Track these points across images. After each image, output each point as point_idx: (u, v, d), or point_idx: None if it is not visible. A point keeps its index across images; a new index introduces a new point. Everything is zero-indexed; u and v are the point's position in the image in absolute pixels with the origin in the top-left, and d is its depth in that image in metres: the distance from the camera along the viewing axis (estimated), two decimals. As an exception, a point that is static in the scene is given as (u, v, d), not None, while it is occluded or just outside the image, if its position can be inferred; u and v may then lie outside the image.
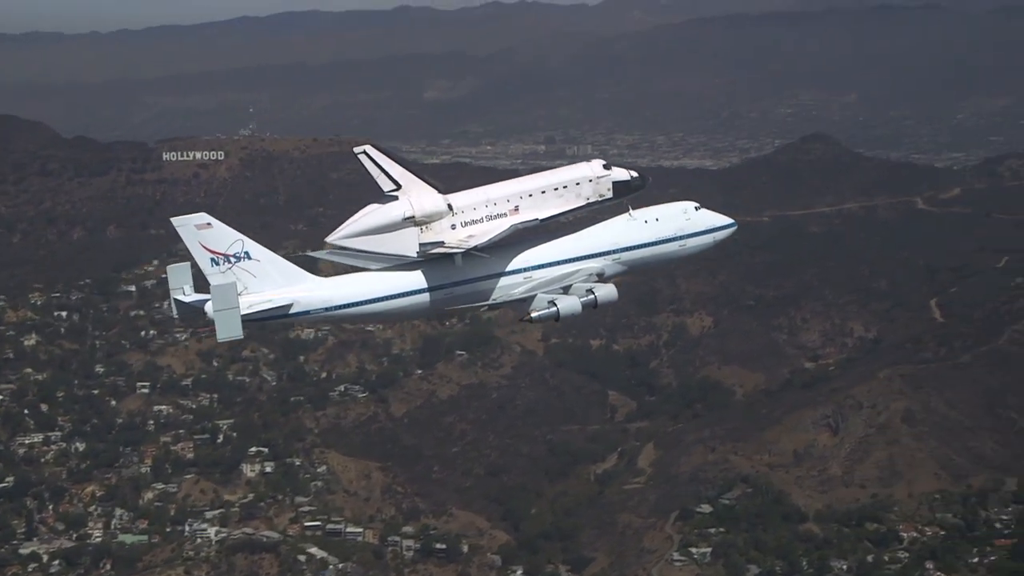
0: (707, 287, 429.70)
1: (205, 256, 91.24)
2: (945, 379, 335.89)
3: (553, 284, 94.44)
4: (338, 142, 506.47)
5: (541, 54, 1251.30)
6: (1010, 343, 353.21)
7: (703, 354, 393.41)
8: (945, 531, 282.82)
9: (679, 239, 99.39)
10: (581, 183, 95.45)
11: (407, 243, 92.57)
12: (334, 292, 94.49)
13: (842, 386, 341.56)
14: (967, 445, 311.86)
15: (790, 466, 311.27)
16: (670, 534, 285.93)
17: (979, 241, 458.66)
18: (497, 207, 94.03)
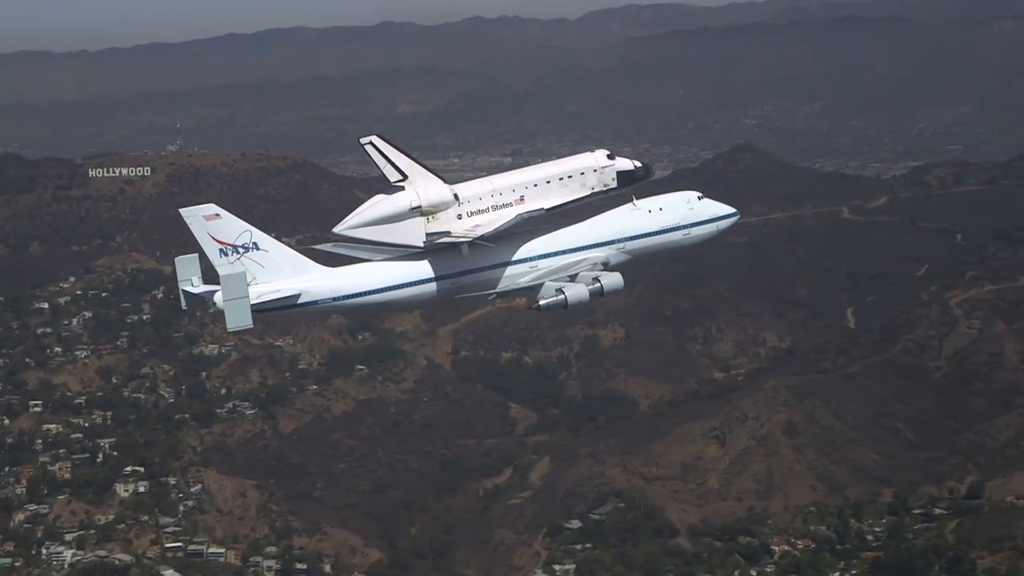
0: (624, 299, 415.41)
1: (214, 247, 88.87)
2: (833, 390, 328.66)
3: (559, 273, 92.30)
4: (266, 157, 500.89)
5: (515, 67, 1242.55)
6: (903, 353, 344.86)
7: (611, 366, 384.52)
8: (816, 544, 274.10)
9: (683, 228, 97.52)
10: (586, 173, 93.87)
11: (414, 233, 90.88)
12: (342, 282, 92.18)
13: (733, 397, 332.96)
14: (848, 456, 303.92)
15: (675, 479, 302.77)
16: (538, 550, 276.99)
17: (902, 250, 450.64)
18: (503, 197, 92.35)
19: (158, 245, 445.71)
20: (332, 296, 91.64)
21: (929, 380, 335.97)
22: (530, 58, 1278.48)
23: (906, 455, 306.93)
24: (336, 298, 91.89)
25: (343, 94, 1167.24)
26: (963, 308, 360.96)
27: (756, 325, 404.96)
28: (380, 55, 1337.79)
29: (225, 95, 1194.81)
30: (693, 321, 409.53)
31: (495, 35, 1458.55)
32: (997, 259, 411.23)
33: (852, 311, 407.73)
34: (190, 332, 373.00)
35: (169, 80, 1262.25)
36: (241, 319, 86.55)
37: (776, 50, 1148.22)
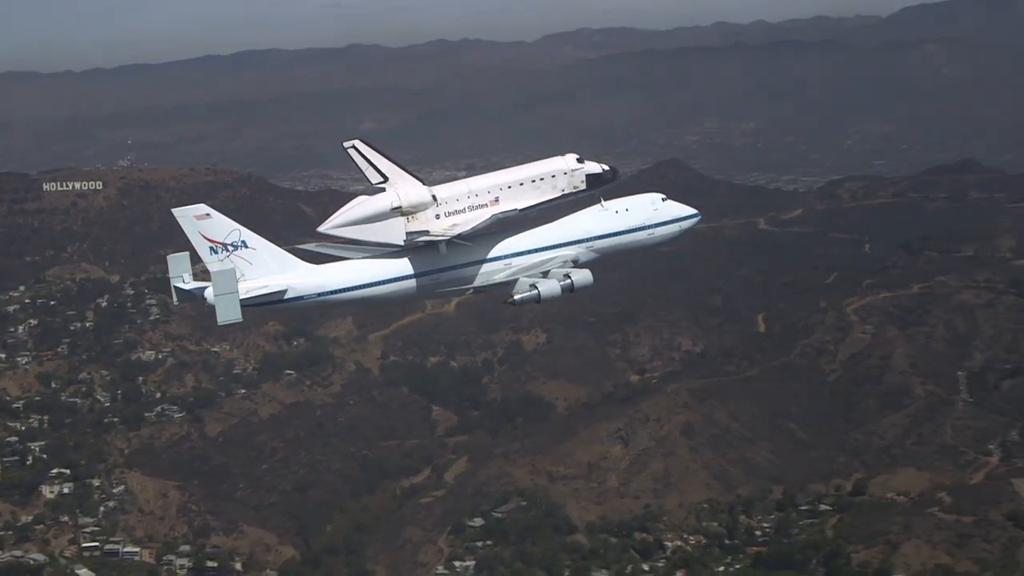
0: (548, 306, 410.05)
1: (204, 245, 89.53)
2: (731, 392, 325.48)
3: (532, 270, 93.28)
4: (213, 172, 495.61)
5: (475, 87, 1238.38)
6: (800, 357, 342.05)
7: (531, 370, 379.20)
8: (707, 539, 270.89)
9: (648, 228, 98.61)
10: (556, 176, 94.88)
11: (394, 232, 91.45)
12: (326, 278, 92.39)
13: (639, 400, 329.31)
14: (742, 456, 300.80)
15: (579, 478, 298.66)
16: (442, 547, 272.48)
17: (814, 259, 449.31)
18: (479, 198, 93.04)
19: (107, 255, 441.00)
20: (317, 292, 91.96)
21: (824, 383, 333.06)
22: (490, 78, 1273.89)
23: (798, 454, 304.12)
24: (321, 294, 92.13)
25: (312, 112, 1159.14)
26: (859, 314, 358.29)
27: (672, 330, 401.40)
28: (349, 75, 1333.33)
29: (201, 113, 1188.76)
30: (614, 327, 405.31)
31: (457, 57, 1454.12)
32: (898, 268, 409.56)
33: (763, 317, 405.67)
34: (129, 339, 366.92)
35: (148, 99, 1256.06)
36: (231, 313, 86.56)
37: (718, 71, 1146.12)
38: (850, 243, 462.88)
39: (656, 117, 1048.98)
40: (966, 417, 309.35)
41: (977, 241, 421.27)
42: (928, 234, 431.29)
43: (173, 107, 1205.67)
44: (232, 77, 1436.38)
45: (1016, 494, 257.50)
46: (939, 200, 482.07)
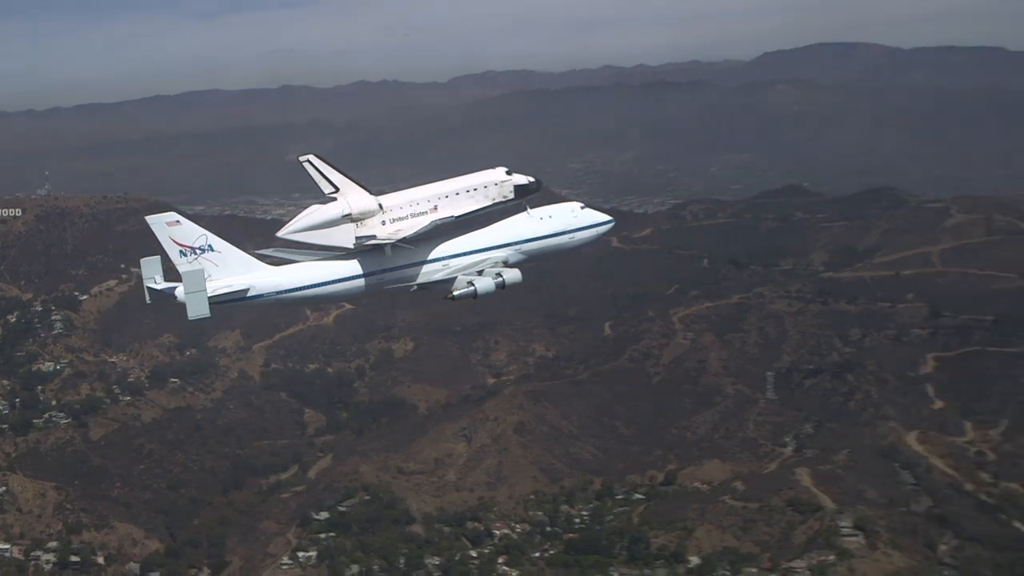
0: (420, 316, 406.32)
1: (175, 248, 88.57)
2: (564, 394, 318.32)
3: (468, 269, 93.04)
4: (124, 199, 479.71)
5: (392, 122, 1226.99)
6: (629, 361, 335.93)
7: (398, 374, 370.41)
8: (532, 527, 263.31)
9: (568, 233, 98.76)
10: (488, 186, 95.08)
11: (345, 236, 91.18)
12: (284, 278, 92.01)
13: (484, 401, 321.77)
14: (569, 451, 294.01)
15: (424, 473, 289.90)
16: (290, 539, 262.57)
17: (659, 273, 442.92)
18: (420, 206, 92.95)
19: (23, 276, 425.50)
20: (276, 290, 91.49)
21: (648, 384, 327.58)
22: (405, 115, 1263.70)
23: (620, 449, 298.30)
24: (279, 292, 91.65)
25: (245, 145, 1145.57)
26: (684, 322, 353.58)
27: (528, 337, 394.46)
28: (281, 112, 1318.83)
29: (148, 146, 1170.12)
30: (477, 335, 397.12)
31: (377, 96, 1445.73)
32: (728, 280, 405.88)
33: (609, 325, 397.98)
34: (32, 351, 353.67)
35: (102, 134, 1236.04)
36: (200, 309, 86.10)
37: (602, 108, 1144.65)
38: (690, 259, 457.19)
39: (547, 148, 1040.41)
40: (768, 413, 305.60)
41: (795, 256, 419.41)
42: (754, 250, 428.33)
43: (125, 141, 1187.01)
44: (178, 114, 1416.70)
45: (796, 482, 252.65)
46: (768, 220, 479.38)
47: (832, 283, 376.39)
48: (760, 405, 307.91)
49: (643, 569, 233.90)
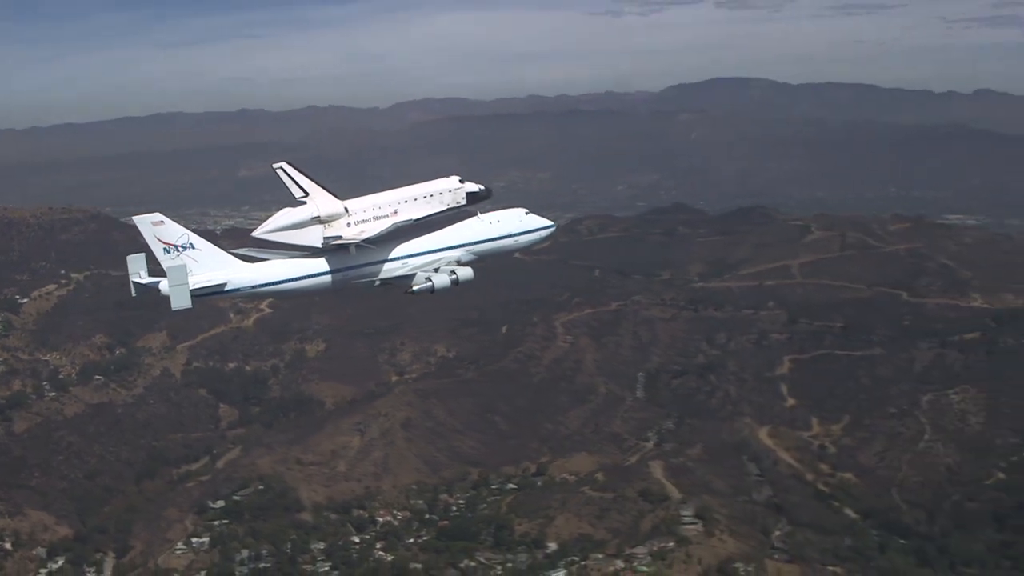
0: (335, 319, 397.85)
1: (159, 246, 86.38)
2: (451, 391, 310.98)
3: (425, 267, 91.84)
4: (69, 210, 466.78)
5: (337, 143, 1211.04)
6: (513, 362, 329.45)
7: (309, 373, 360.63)
8: (412, 515, 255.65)
9: (515, 236, 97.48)
10: (443, 193, 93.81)
11: (314, 237, 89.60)
12: (258, 274, 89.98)
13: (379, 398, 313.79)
14: (452, 445, 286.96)
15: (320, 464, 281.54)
16: (188, 526, 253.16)
17: (555, 281, 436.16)
18: (382, 210, 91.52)
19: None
20: (251, 285, 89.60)
21: (530, 383, 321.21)
22: (349, 136, 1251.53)
23: (499, 442, 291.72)
24: (254, 286, 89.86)
25: (203, 163, 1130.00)
26: (566, 326, 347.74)
27: (432, 339, 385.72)
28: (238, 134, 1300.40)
29: (115, 163, 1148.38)
30: (385, 337, 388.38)
31: (325, 119, 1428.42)
32: (612, 288, 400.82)
33: (506, 328, 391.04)
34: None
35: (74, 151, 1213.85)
36: (182, 301, 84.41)
37: (524, 133, 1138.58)
38: (583, 269, 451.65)
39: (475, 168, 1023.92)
40: (634, 410, 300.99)
41: (674, 267, 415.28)
42: (639, 262, 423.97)
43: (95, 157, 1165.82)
44: (145, 134, 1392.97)
45: (649, 474, 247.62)
46: (655, 235, 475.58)
47: (703, 292, 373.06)
48: (627, 403, 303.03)
49: (506, 554, 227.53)
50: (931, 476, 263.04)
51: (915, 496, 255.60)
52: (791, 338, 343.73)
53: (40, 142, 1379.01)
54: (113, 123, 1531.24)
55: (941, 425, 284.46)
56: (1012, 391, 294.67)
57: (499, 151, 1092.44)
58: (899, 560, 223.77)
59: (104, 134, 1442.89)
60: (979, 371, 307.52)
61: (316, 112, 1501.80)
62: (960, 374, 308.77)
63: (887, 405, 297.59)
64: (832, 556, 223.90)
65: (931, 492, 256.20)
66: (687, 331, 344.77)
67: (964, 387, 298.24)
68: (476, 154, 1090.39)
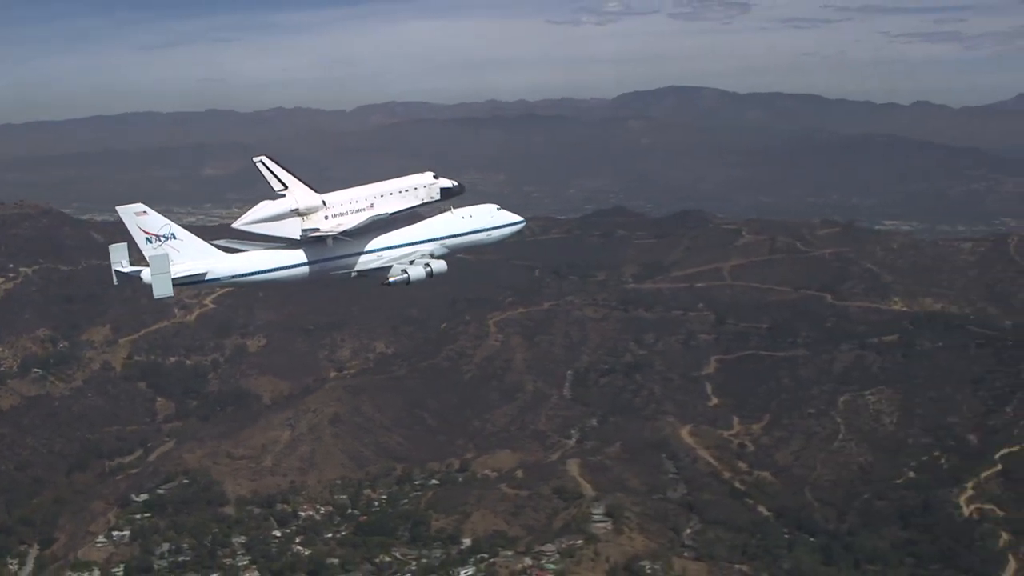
0: (278, 315, 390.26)
1: (141, 236, 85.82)
2: (381, 388, 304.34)
3: (400, 260, 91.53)
4: (20, 205, 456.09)
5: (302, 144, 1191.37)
6: (444, 359, 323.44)
7: (247, 368, 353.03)
8: (335, 509, 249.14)
9: (486, 230, 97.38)
10: (418, 187, 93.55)
11: (292, 229, 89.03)
12: (238, 264, 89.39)
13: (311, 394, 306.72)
14: (379, 440, 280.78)
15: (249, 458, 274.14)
16: (111, 519, 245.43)
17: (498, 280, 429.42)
18: (358, 204, 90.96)
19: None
20: (231, 275, 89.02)
21: (460, 380, 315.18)
22: (312, 138, 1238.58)
23: (426, 438, 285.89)
24: (233, 276, 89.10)
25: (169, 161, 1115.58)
26: (498, 325, 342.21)
27: (372, 336, 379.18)
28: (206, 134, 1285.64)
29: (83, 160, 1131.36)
30: (326, 333, 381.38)
31: (291, 120, 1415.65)
32: (549, 288, 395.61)
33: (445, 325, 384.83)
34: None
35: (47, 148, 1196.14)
36: (164, 289, 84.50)
37: (482, 136, 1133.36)
38: (524, 269, 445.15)
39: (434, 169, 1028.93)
40: (559, 408, 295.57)
41: (609, 269, 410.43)
42: (577, 263, 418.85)
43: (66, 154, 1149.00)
44: (115, 133, 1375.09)
45: (565, 472, 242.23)
46: (594, 237, 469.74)
47: (634, 293, 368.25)
48: (552, 401, 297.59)
49: (421, 550, 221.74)
50: (843, 475, 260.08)
51: (827, 494, 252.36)
52: (718, 339, 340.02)
53: (12, 139, 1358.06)
54: (85, 122, 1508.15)
55: (856, 425, 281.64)
56: (925, 392, 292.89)
57: (457, 153, 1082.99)
58: (805, 558, 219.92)
59: (76, 132, 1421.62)
60: (895, 373, 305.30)
61: (283, 113, 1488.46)
62: (877, 375, 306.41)
63: (806, 405, 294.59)
64: (740, 554, 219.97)
65: (842, 491, 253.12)
66: (617, 331, 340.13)
67: (880, 388, 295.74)
68: (434, 156, 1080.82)
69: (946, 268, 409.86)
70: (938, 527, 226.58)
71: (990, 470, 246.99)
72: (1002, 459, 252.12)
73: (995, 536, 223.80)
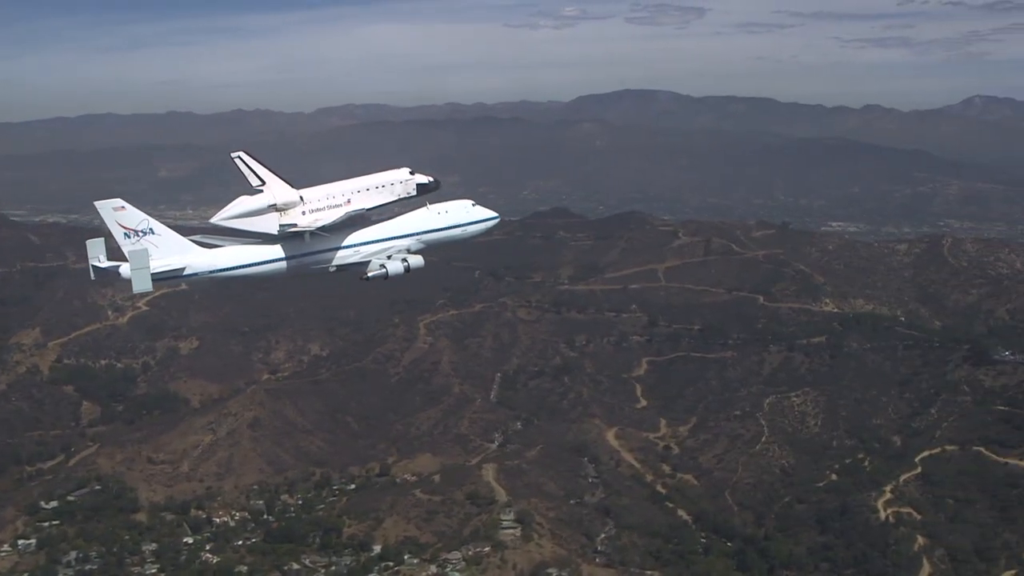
0: (213, 317, 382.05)
1: (120, 231, 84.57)
2: (305, 391, 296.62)
3: (377, 255, 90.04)
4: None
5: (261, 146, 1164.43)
6: (372, 362, 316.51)
7: (177, 370, 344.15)
8: (250, 515, 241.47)
9: (462, 226, 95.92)
10: (394, 183, 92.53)
11: (270, 224, 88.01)
12: (216, 259, 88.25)
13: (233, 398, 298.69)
14: (299, 445, 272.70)
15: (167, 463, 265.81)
16: (18, 526, 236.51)
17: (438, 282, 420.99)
18: (335, 199, 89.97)
19: None
20: (209, 270, 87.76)
21: (387, 383, 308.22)
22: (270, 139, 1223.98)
23: (348, 442, 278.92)
24: (212, 271, 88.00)
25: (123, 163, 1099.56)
26: (429, 328, 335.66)
27: (306, 338, 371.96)
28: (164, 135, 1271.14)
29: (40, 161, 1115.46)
30: (262, 335, 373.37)
31: (249, 122, 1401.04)
32: (487, 289, 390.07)
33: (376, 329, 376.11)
34: None
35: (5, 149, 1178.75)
36: (144, 284, 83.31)
37: (438, 138, 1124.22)
38: (466, 270, 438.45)
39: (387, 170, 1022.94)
40: (483, 411, 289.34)
41: (546, 270, 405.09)
42: (516, 264, 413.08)
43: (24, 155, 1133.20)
44: (75, 134, 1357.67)
45: (479, 477, 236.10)
46: (535, 238, 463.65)
47: (568, 295, 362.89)
48: (477, 404, 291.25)
49: (332, 557, 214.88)
50: (765, 478, 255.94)
51: (747, 498, 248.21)
52: (650, 340, 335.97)
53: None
54: (44, 123, 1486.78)
55: (781, 427, 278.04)
56: (851, 394, 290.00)
57: (412, 155, 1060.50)
58: (718, 563, 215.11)
59: (35, 133, 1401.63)
60: (822, 374, 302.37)
61: (242, 115, 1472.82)
62: (804, 377, 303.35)
63: (733, 407, 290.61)
64: (653, 559, 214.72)
65: (762, 494, 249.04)
66: (549, 333, 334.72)
67: (806, 390, 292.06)
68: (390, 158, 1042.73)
69: (880, 270, 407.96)
70: (853, 531, 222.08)
71: (909, 473, 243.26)
72: (922, 461, 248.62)
73: (910, 540, 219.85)
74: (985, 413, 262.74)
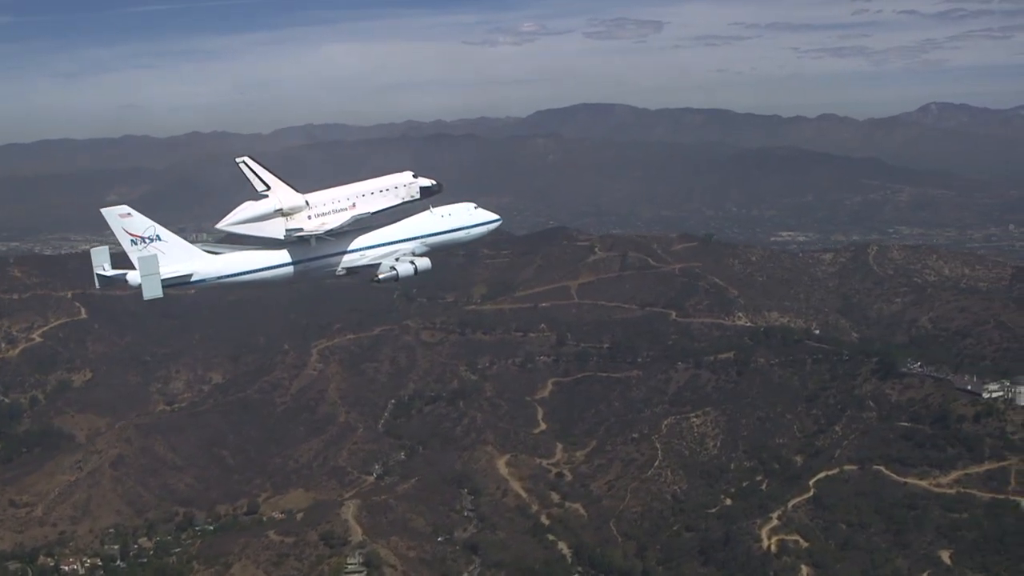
0: (111, 347, 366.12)
1: (126, 237, 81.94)
2: (180, 426, 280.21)
3: (383, 259, 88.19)
4: None
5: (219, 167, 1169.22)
6: (257, 392, 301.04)
7: (64, 404, 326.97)
8: (103, 561, 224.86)
9: (465, 228, 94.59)
10: (398, 187, 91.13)
11: (276, 229, 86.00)
12: (223, 265, 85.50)
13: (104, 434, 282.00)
14: (165, 483, 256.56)
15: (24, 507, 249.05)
16: None
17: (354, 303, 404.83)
18: (340, 203, 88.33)
19: None
20: (216, 275, 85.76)
21: (272, 413, 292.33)
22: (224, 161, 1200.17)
23: (222, 478, 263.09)
24: (219, 277, 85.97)
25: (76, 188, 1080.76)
26: (321, 353, 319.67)
27: (208, 366, 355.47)
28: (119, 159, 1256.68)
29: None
30: (162, 364, 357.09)
31: (207, 144, 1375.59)
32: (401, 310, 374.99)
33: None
34: None
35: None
36: (154, 291, 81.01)
37: (392, 156, 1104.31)
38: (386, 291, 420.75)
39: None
40: (365, 441, 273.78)
41: (460, 290, 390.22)
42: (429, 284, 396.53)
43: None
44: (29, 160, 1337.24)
45: (337, 516, 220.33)
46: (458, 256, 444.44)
47: (474, 315, 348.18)
48: (359, 434, 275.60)
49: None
50: (654, 505, 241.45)
51: (632, 528, 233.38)
52: (557, 360, 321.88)
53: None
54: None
55: (677, 450, 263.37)
56: (755, 412, 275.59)
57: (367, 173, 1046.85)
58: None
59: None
60: (728, 392, 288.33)
61: (199, 138, 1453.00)
62: (710, 395, 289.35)
63: (632, 429, 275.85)
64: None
65: (649, 523, 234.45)
66: (450, 356, 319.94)
67: (707, 409, 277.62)
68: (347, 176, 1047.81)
69: (804, 280, 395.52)
70: (734, 563, 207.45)
71: (800, 497, 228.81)
72: (818, 483, 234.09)
73: (794, 570, 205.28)
74: (888, 430, 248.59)
